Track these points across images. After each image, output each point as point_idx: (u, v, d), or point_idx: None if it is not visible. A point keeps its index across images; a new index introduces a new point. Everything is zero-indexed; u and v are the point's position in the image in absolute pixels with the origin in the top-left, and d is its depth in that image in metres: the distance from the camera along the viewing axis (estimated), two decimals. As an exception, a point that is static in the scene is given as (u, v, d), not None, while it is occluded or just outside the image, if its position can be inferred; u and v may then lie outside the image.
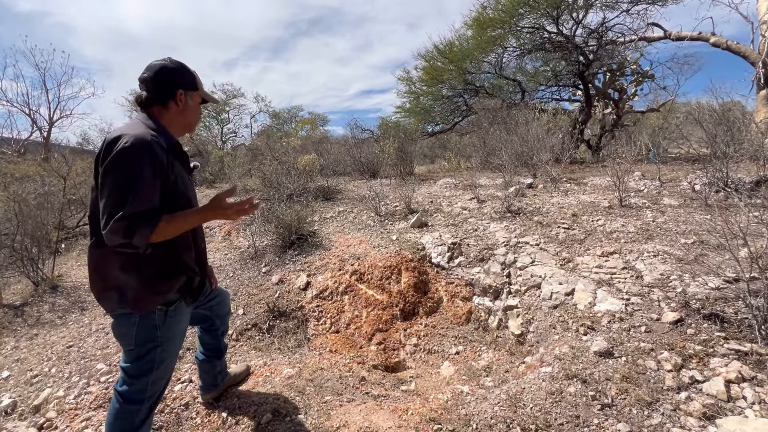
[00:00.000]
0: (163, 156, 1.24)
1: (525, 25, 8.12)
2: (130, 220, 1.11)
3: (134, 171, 1.15)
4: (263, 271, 3.64)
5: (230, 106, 16.61)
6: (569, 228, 3.40)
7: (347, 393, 2.05)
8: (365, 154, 7.39)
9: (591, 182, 4.86)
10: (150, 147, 1.19)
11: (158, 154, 1.21)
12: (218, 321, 1.86)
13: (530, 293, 2.75)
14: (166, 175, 1.25)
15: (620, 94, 7.83)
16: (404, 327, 2.95)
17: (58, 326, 3.18)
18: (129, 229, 1.12)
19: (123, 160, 1.15)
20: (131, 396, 1.38)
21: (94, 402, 2.14)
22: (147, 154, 1.18)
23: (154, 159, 1.20)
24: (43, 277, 3.87)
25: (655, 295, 2.28)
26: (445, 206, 4.57)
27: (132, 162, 1.15)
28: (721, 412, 1.49)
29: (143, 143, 1.18)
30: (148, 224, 1.15)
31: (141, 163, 1.16)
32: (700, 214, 3.27)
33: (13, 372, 2.59)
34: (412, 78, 11.11)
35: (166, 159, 1.25)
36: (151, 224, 1.15)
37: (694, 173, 4.34)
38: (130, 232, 1.12)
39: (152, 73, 1.35)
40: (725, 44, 6.83)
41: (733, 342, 1.81)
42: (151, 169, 1.18)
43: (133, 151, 1.16)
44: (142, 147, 1.17)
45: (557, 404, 1.67)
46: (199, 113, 1.52)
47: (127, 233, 1.12)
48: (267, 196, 5.36)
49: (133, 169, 1.15)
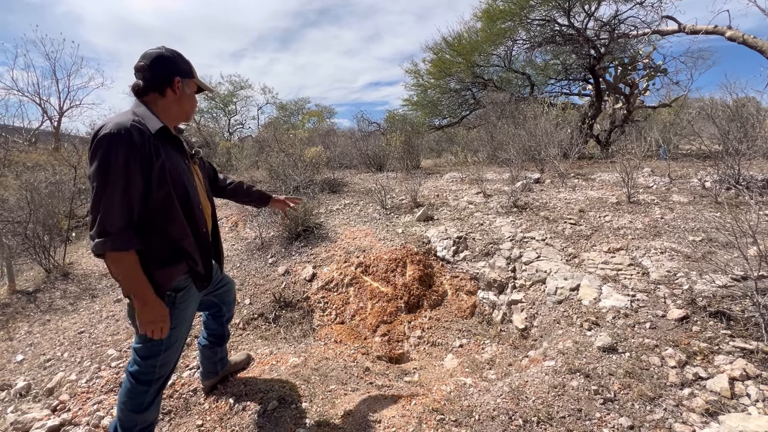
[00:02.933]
0: (145, 141, 1.24)
1: (535, 17, 7.98)
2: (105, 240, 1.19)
3: (109, 160, 1.18)
4: (270, 262, 3.68)
5: (237, 98, 16.62)
6: (576, 223, 3.39)
7: (352, 382, 2.08)
8: (372, 147, 7.38)
9: (599, 178, 4.81)
10: (128, 134, 1.20)
11: (136, 141, 1.22)
12: (225, 308, 1.90)
13: (535, 288, 2.75)
14: (148, 160, 1.25)
15: (631, 88, 7.69)
16: (409, 319, 2.97)
17: (70, 312, 3.25)
18: (94, 243, 1.20)
19: (99, 148, 1.19)
20: (141, 376, 1.43)
21: (105, 386, 2.20)
22: (123, 143, 1.19)
23: (131, 147, 1.21)
24: (55, 265, 3.95)
25: (661, 292, 2.28)
26: (451, 200, 4.57)
27: (107, 150, 1.18)
28: (724, 408, 1.49)
29: (120, 131, 1.19)
30: (114, 247, 1.21)
31: (116, 150, 1.18)
32: (710, 212, 3.23)
33: (27, 356, 2.66)
34: (420, 71, 11.02)
35: (148, 145, 1.25)
36: (115, 247, 1.20)
37: (705, 170, 4.29)
38: (94, 246, 1.20)
39: (149, 60, 1.36)
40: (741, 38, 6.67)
41: (738, 340, 1.80)
42: (127, 158, 1.20)
43: (108, 139, 1.18)
44: (118, 136, 1.19)
45: (559, 398, 1.69)
46: (195, 102, 1.53)
47: (93, 246, 1.21)
48: (274, 187, 5.39)
49: (109, 159, 1.18)
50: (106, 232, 1.18)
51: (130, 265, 1.24)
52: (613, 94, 7.99)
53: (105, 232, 1.18)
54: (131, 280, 1.26)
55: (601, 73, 7.70)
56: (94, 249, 1.20)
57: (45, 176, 5.06)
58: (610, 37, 7.35)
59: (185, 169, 1.43)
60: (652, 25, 7.33)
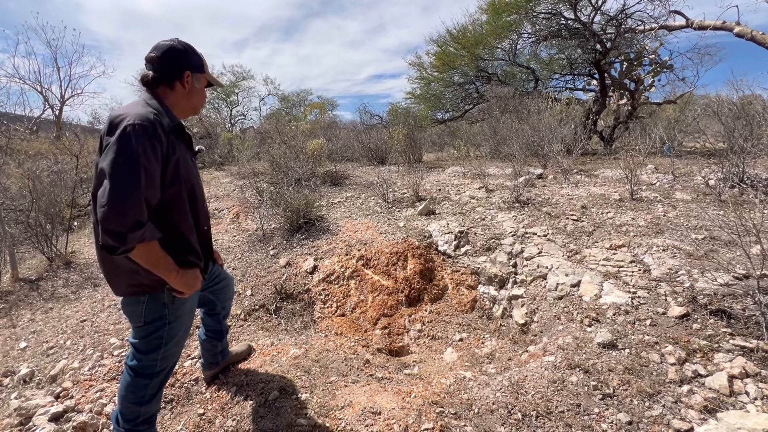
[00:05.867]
0: (165, 137, 1.23)
1: (542, 10, 7.90)
2: (143, 232, 1.15)
3: (137, 153, 1.14)
4: (271, 253, 3.68)
5: (239, 89, 16.51)
6: (578, 220, 3.38)
7: (352, 374, 2.10)
8: (374, 140, 7.35)
9: (602, 174, 4.79)
10: (153, 128, 1.19)
11: (160, 135, 1.21)
12: (219, 306, 1.90)
13: (536, 284, 2.75)
14: (166, 157, 1.25)
15: (637, 84, 7.61)
16: (409, 313, 2.99)
17: (72, 301, 3.27)
18: (121, 238, 1.12)
19: (125, 139, 1.14)
20: (141, 371, 1.42)
21: (107, 374, 2.22)
22: (148, 137, 1.17)
23: (155, 141, 1.19)
24: (57, 253, 3.96)
25: (662, 289, 2.28)
26: (453, 195, 4.56)
27: (135, 142, 1.14)
28: (722, 406, 1.50)
29: (145, 124, 1.17)
30: (152, 237, 1.19)
31: (143, 143, 1.15)
32: (713, 210, 3.22)
33: (30, 343, 2.68)
34: (424, 64, 10.93)
35: (167, 140, 1.24)
36: (137, 239, 1.15)
37: (709, 168, 4.26)
38: (121, 240, 1.12)
39: (160, 52, 1.34)
40: (750, 34, 6.58)
41: (738, 338, 1.80)
42: (152, 152, 1.18)
43: (135, 131, 1.15)
44: (144, 129, 1.16)
45: (559, 392, 1.70)
46: (204, 96, 1.52)
47: (117, 240, 1.12)
48: (275, 179, 5.38)
49: (137, 151, 1.14)
50: (141, 223, 1.14)
51: (159, 250, 1.25)
52: (618, 90, 7.92)
53: (140, 223, 1.14)
54: (161, 263, 1.26)
55: (606, 68, 7.63)
56: (128, 242, 1.12)
57: (47, 165, 5.06)
58: (616, 31, 7.26)
59: (192, 166, 1.44)
60: (659, 20, 7.24)
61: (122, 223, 1.10)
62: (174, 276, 1.30)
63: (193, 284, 1.37)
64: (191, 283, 1.36)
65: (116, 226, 1.10)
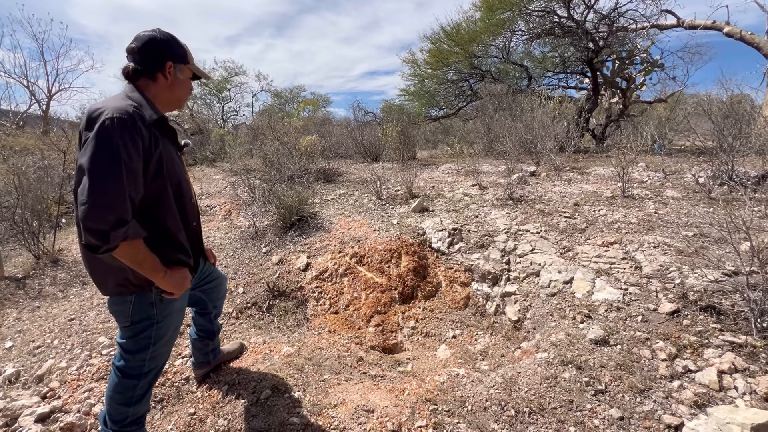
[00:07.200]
0: (146, 131, 1.19)
1: (535, 8, 7.91)
2: (126, 229, 1.11)
3: (117, 148, 1.10)
4: (263, 251, 3.65)
5: (231, 84, 16.31)
6: (570, 217, 3.40)
7: (345, 372, 2.08)
8: (368, 137, 7.32)
9: (594, 172, 4.82)
10: (132, 121, 1.14)
11: (140, 129, 1.16)
12: (211, 305, 1.87)
13: (529, 280, 2.76)
14: (148, 151, 1.20)
15: (628, 83, 7.68)
16: (402, 310, 2.98)
17: (60, 299, 3.21)
18: (103, 236, 1.08)
19: (103, 134, 1.10)
20: (128, 371, 1.38)
21: (96, 374, 2.18)
22: (128, 131, 1.13)
23: (136, 135, 1.15)
24: (44, 251, 3.89)
25: (653, 285, 2.30)
26: (446, 192, 4.56)
27: (113, 137, 1.10)
28: (712, 401, 1.52)
29: (124, 118, 1.13)
30: (135, 235, 1.16)
31: (122, 138, 1.11)
32: (703, 207, 3.26)
33: (16, 342, 2.63)
34: (417, 61, 10.90)
35: (148, 134, 1.20)
36: (120, 237, 1.11)
37: (699, 166, 4.31)
38: (104, 239, 1.09)
39: (140, 43, 1.30)
40: (739, 34, 6.67)
41: (728, 334, 1.83)
42: (133, 147, 1.13)
43: (112, 125, 1.10)
44: (123, 122, 1.12)
45: (551, 389, 1.70)
46: (189, 89, 1.47)
47: (99, 239, 1.08)
48: (268, 176, 5.33)
49: (116, 146, 1.10)
50: (124, 221, 1.10)
51: (144, 248, 1.21)
52: (610, 88, 7.98)
53: (123, 220, 1.09)
54: (147, 263, 1.23)
55: (598, 66, 7.68)
56: (111, 240, 1.08)
57: (33, 161, 4.95)
58: (608, 30, 7.30)
59: (178, 160, 1.40)
60: (651, 18, 7.30)
61: (104, 221, 1.07)
62: (161, 276, 1.26)
63: (181, 284, 1.34)
64: (179, 283, 1.33)
65: (98, 224, 1.06)
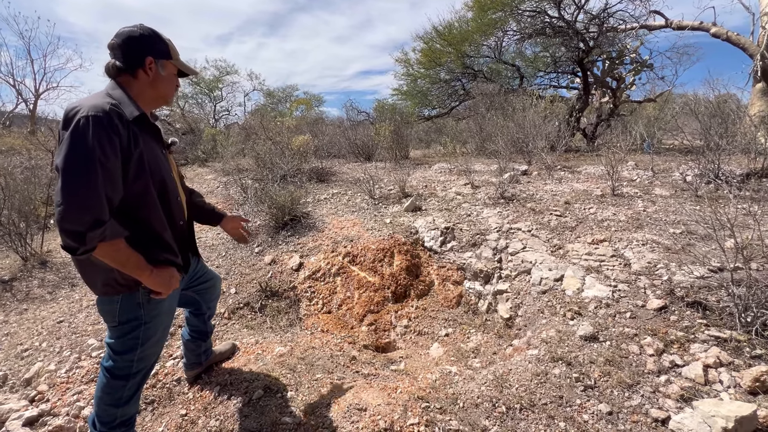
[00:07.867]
0: (124, 129, 1.16)
1: (526, 8, 7.97)
2: (104, 230, 1.09)
3: (91, 146, 1.07)
4: (256, 251, 3.63)
5: (223, 83, 16.17)
6: (561, 215, 3.43)
7: (338, 371, 2.09)
8: (360, 137, 7.32)
9: (585, 171, 4.88)
10: (109, 119, 1.12)
11: (117, 127, 1.14)
12: (205, 306, 1.86)
13: (520, 278, 2.79)
14: (127, 150, 1.18)
15: (618, 83, 7.78)
16: (395, 309, 2.99)
17: (48, 301, 3.16)
18: (79, 237, 1.06)
19: (77, 132, 1.07)
20: (116, 372, 1.37)
21: (85, 376, 2.16)
22: (104, 129, 1.10)
23: (112, 134, 1.12)
24: (32, 253, 3.82)
25: (642, 282, 2.33)
26: (439, 191, 4.57)
27: (88, 135, 1.07)
28: (698, 394, 1.55)
29: (99, 116, 1.10)
30: (113, 235, 1.14)
31: (97, 135, 1.08)
32: (690, 205, 3.31)
33: (3, 346, 2.58)
34: (410, 60, 10.93)
35: (127, 132, 1.17)
36: (97, 238, 1.09)
37: (687, 164, 4.38)
38: (80, 240, 1.07)
39: (120, 39, 1.27)
40: (725, 35, 6.78)
41: (713, 329, 1.86)
42: (109, 145, 1.11)
43: (87, 123, 1.08)
44: (98, 120, 1.09)
45: (542, 385, 1.72)
46: (174, 85, 1.44)
47: (76, 240, 1.07)
48: (260, 176, 5.31)
49: (91, 144, 1.07)
50: (100, 222, 1.08)
51: (126, 248, 1.19)
52: (600, 88, 8.07)
53: (99, 221, 1.07)
54: (131, 262, 1.21)
55: (589, 66, 7.76)
56: (87, 242, 1.07)
57: (20, 161, 4.87)
58: (598, 30, 7.38)
59: (163, 158, 1.37)
60: (640, 19, 7.39)
61: (80, 222, 1.05)
62: (147, 275, 1.25)
63: (169, 283, 1.32)
64: (167, 282, 1.31)
65: (74, 226, 1.05)
